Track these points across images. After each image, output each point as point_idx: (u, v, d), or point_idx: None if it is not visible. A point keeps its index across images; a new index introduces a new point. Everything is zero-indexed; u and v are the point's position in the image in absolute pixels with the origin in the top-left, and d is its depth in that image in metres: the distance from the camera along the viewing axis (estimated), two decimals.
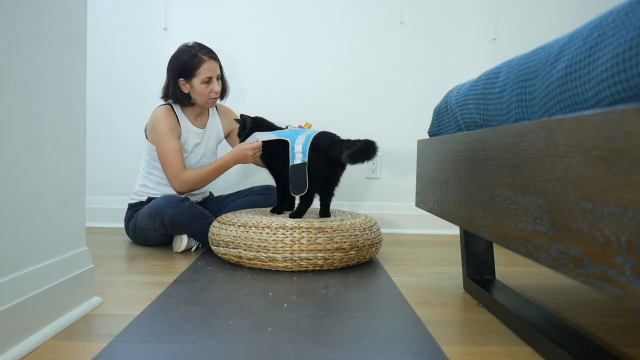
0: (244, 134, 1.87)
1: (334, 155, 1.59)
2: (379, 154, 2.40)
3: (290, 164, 1.64)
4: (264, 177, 2.29)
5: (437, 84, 2.38)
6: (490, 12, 2.40)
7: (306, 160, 1.61)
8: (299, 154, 1.63)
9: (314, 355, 0.86)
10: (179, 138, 1.91)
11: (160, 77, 2.38)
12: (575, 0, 2.39)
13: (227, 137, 2.15)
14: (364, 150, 1.53)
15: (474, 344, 0.95)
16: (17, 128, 0.85)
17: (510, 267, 1.63)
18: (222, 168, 1.87)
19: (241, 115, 1.87)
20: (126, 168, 2.40)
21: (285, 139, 1.71)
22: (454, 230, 2.39)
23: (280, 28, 2.40)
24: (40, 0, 0.91)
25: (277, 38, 2.40)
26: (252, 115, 1.90)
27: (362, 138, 1.55)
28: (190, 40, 2.08)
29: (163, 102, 1.97)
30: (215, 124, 2.08)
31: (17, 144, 0.85)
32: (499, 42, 2.41)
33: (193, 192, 2.02)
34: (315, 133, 1.68)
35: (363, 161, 1.55)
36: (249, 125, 1.86)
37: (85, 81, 1.10)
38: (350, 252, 1.55)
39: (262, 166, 1.97)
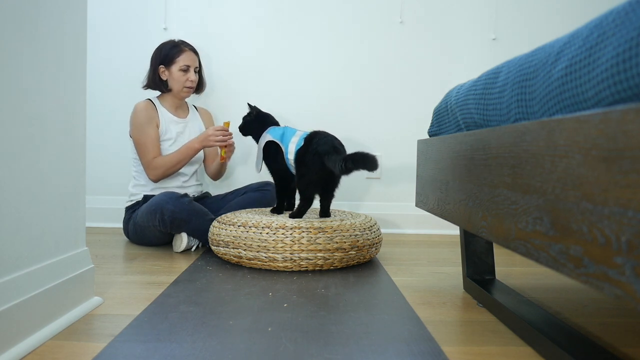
0: (245, 121, 1.91)
1: (329, 165, 1.55)
2: (378, 154, 2.43)
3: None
4: (262, 175, 2.29)
5: (437, 84, 2.38)
6: (490, 12, 2.40)
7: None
8: (291, 155, 1.71)
9: (314, 355, 0.86)
10: (158, 128, 1.99)
11: None
12: (575, 0, 2.39)
13: None
14: (363, 161, 1.47)
15: (474, 344, 0.95)
16: (17, 128, 0.85)
17: (510, 267, 1.63)
18: (189, 150, 1.94)
19: (249, 104, 1.91)
20: (126, 168, 2.39)
21: (280, 144, 1.75)
22: (454, 230, 2.39)
23: (280, 28, 2.40)
24: (40, 1, 0.91)
25: (277, 38, 2.40)
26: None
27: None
28: (190, 40, 2.11)
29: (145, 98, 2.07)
30: (197, 119, 2.16)
31: (17, 144, 0.85)
32: (499, 42, 2.41)
33: (187, 185, 2.07)
34: (307, 134, 1.71)
35: (360, 169, 1.50)
36: (252, 115, 1.89)
37: (85, 81, 1.10)
38: (350, 252, 1.55)
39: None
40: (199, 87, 2.12)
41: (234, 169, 2.45)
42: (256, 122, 1.89)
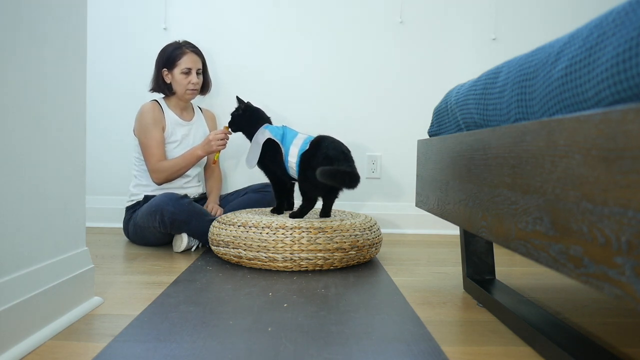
0: (234, 116, 1.86)
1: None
2: (378, 154, 2.43)
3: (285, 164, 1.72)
4: (262, 177, 2.29)
5: (437, 84, 2.38)
6: (490, 12, 2.40)
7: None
8: (292, 158, 1.68)
9: (314, 355, 0.86)
10: (164, 131, 2.00)
11: None
12: (575, 0, 2.39)
13: None
14: (342, 176, 1.54)
15: (474, 344, 0.95)
16: (17, 128, 0.85)
17: (510, 267, 1.63)
18: (192, 157, 1.95)
19: (238, 98, 1.86)
20: (126, 168, 2.39)
21: (281, 145, 1.72)
22: (454, 230, 2.39)
23: (280, 28, 2.40)
24: (40, 0, 0.91)
25: (277, 38, 2.40)
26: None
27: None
28: (189, 40, 2.11)
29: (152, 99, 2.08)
30: (202, 122, 2.17)
31: (18, 144, 0.85)
32: (499, 42, 2.41)
33: (188, 186, 2.06)
34: (313, 138, 1.69)
35: (336, 184, 1.58)
36: (241, 109, 1.84)
37: (85, 81, 1.10)
38: (350, 252, 1.55)
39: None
40: (204, 88, 2.12)
41: (235, 169, 2.45)
42: (246, 117, 1.84)
